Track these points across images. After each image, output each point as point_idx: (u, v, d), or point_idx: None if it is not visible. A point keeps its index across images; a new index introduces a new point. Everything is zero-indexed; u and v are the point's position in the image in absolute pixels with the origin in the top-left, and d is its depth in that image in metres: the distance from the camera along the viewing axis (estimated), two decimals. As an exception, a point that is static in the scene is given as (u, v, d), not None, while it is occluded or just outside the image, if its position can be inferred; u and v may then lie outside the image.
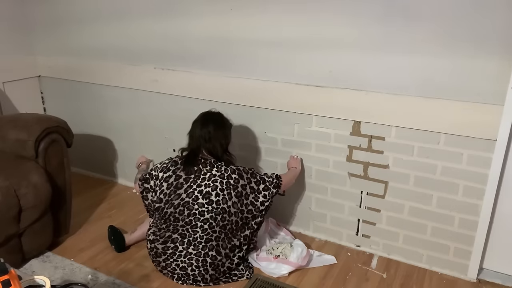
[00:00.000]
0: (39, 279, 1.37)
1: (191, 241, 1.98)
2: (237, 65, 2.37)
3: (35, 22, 3.07)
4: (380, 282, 2.08)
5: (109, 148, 3.09)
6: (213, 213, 1.99)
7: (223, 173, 2.03)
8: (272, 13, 2.17)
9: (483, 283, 2.07)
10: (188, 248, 1.98)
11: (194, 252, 1.97)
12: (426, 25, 1.85)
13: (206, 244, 1.97)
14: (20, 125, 2.18)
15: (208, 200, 2.00)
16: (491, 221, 2.00)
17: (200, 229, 1.98)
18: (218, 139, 2.08)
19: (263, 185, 2.10)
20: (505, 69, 1.76)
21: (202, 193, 2.01)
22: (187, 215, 2.01)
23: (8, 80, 3.00)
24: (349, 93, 2.10)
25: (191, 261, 1.97)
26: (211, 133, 2.07)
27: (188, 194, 2.03)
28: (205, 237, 1.97)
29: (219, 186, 2.01)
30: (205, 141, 2.07)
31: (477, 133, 1.88)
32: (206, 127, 2.08)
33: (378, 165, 2.16)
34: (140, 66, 2.71)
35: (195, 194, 2.01)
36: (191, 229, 1.99)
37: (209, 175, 2.03)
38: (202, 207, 1.99)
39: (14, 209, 1.95)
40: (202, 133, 2.07)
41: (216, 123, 2.10)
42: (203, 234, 1.98)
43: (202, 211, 1.99)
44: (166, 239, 2.02)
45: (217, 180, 2.02)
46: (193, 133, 2.11)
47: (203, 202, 2.00)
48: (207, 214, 1.99)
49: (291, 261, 2.11)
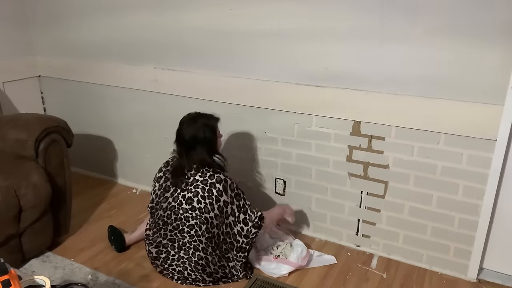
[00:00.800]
0: (39, 279, 1.37)
1: (181, 246, 1.99)
2: (237, 65, 2.37)
3: (35, 22, 3.07)
4: (380, 282, 2.08)
5: (109, 148, 3.09)
6: (198, 221, 1.95)
7: (206, 179, 1.98)
8: (271, 10, 2.16)
9: (483, 283, 2.07)
10: (180, 252, 1.99)
11: (186, 256, 1.98)
12: (427, 26, 1.85)
13: (195, 251, 1.97)
14: (20, 125, 2.18)
15: (191, 206, 1.97)
16: (491, 221, 2.00)
17: (188, 234, 1.98)
18: (203, 144, 2.02)
19: (243, 216, 2.01)
20: (505, 69, 1.76)
21: (185, 198, 1.99)
22: (174, 219, 2.02)
23: (8, 80, 2.99)
24: (349, 93, 2.10)
25: (185, 265, 1.98)
26: (195, 139, 2.00)
27: (174, 198, 2.04)
28: (193, 243, 1.96)
29: (200, 192, 1.96)
30: (190, 149, 2.02)
31: (477, 133, 1.88)
32: (187, 136, 2.01)
33: (378, 165, 2.16)
34: (140, 66, 2.71)
35: (179, 199, 2.01)
36: (179, 233, 2.00)
37: (192, 180, 2.00)
38: (186, 212, 1.98)
39: (14, 209, 1.94)
40: (185, 143, 2.02)
41: (198, 128, 2.01)
42: (191, 239, 1.97)
43: (187, 217, 1.98)
44: (157, 244, 2.05)
45: (198, 186, 1.98)
46: (178, 141, 2.06)
47: (186, 207, 1.98)
48: (192, 220, 1.97)
49: (291, 261, 2.11)
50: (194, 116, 2.07)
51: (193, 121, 2.04)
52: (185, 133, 2.03)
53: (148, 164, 2.90)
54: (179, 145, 2.07)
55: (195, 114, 2.08)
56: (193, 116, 2.07)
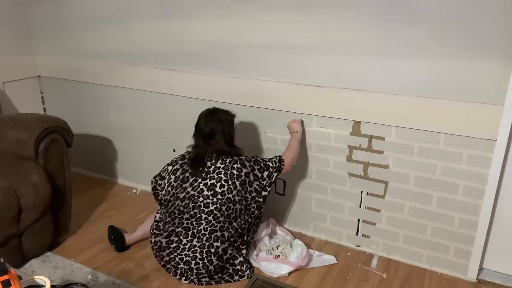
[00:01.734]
0: (39, 279, 1.37)
1: (195, 233, 1.99)
2: (237, 65, 2.37)
3: (35, 22, 3.07)
4: (380, 282, 2.08)
5: (109, 148, 3.09)
6: (218, 204, 2.01)
7: (227, 165, 2.07)
8: (272, 14, 2.17)
9: (483, 283, 2.07)
10: (192, 240, 1.99)
11: (198, 244, 1.98)
12: (427, 26, 1.85)
13: (210, 235, 1.99)
14: (20, 125, 2.18)
15: (213, 192, 2.03)
16: (491, 221, 2.00)
17: (205, 221, 2.00)
18: (221, 135, 2.11)
19: (267, 172, 2.13)
20: (505, 69, 1.76)
21: (207, 186, 2.04)
22: (192, 208, 2.04)
23: (8, 80, 3.00)
24: (349, 93, 2.10)
25: (195, 254, 1.98)
26: (214, 130, 2.10)
27: (193, 187, 2.06)
28: (209, 229, 1.99)
29: (223, 177, 2.04)
30: (209, 140, 2.11)
31: (477, 133, 1.88)
32: (207, 127, 2.11)
33: (378, 165, 2.16)
34: (140, 66, 2.71)
35: (200, 187, 2.05)
36: (195, 221, 2.01)
37: (213, 168, 2.07)
38: (207, 199, 2.02)
39: (14, 209, 1.94)
40: (205, 134, 2.11)
41: (217, 121, 2.12)
42: (207, 226, 2.00)
43: (207, 203, 2.02)
44: (170, 233, 2.03)
45: (221, 172, 2.05)
46: (197, 134, 2.15)
47: (208, 194, 2.03)
48: (211, 206, 2.01)
49: (291, 261, 2.11)
50: (213, 110, 2.17)
51: (212, 114, 2.15)
52: (204, 125, 2.12)
53: (148, 164, 2.90)
54: (197, 137, 2.15)
55: (213, 109, 2.18)
56: (212, 110, 2.17)
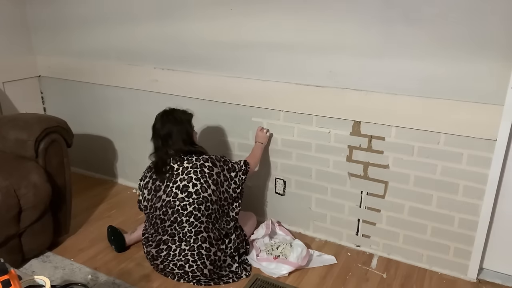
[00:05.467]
0: (39, 279, 1.37)
1: (182, 237, 2.00)
2: (237, 65, 2.37)
3: (35, 22, 3.07)
4: (380, 282, 2.08)
5: (109, 148, 3.09)
6: (196, 204, 2.01)
7: (195, 163, 2.06)
8: (272, 13, 2.17)
9: (483, 283, 2.07)
10: (181, 245, 1.99)
11: (187, 247, 1.98)
12: (427, 26, 1.85)
13: (196, 236, 1.98)
14: (20, 125, 2.18)
15: (187, 193, 2.02)
16: (491, 221, 2.00)
17: (187, 223, 2.00)
18: (179, 135, 2.10)
19: (234, 173, 2.16)
20: (505, 69, 1.76)
21: (180, 188, 2.03)
22: (171, 214, 2.03)
23: (8, 80, 3.00)
24: (349, 93, 2.10)
25: (187, 257, 1.98)
26: (170, 131, 2.09)
27: (167, 193, 2.06)
28: (193, 230, 1.99)
29: (193, 176, 2.04)
30: (167, 140, 2.10)
31: (477, 133, 1.88)
32: (164, 128, 2.10)
33: (378, 165, 2.16)
34: (140, 66, 2.71)
35: (173, 191, 2.04)
36: (178, 226, 2.01)
37: (182, 169, 2.06)
38: (183, 201, 2.02)
39: (14, 209, 1.94)
40: (162, 135, 2.10)
41: (173, 120, 2.11)
42: (191, 227, 2.00)
43: (184, 205, 2.01)
44: (158, 242, 2.05)
45: (190, 171, 2.05)
46: (155, 135, 2.14)
47: (182, 196, 2.02)
48: (189, 207, 2.01)
49: (291, 261, 2.11)
50: (169, 110, 2.18)
51: (168, 114, 2.15)
52: (161, 126, 2.11)
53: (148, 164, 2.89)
54: (156, 139, 2.14)
55: (169, 109, 2.19)
56: (168, 110, 2.18)
